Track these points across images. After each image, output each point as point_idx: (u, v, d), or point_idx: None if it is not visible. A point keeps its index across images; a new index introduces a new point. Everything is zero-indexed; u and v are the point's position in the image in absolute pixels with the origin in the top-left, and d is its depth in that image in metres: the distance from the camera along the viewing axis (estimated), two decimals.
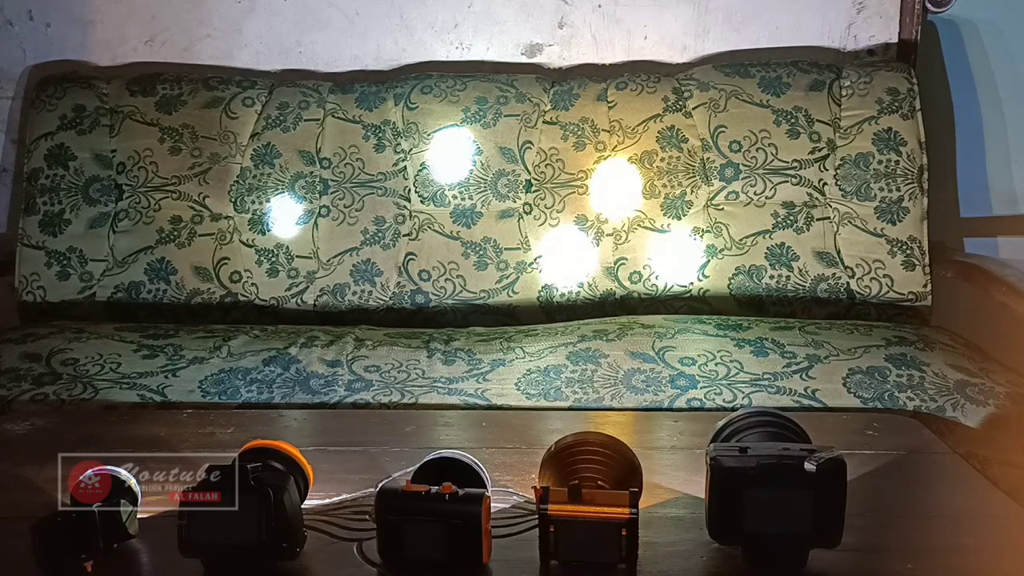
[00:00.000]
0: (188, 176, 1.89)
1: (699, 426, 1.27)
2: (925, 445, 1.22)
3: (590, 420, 1.32)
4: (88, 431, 1.27)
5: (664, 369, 1.51)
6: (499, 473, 1.06)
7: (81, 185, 1.90)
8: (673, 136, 1.86)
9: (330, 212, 1.88)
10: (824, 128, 1.84)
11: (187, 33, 2.04)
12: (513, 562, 0.89)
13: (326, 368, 1.55)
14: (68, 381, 1.52)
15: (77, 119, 1.91)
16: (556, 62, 2.05)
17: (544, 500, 0.85)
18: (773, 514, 0.84)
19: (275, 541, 0.86)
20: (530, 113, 1.89)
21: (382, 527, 0.87)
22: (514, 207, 1.88)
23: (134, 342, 1.63)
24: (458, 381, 1.50)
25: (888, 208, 1.81)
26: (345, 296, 1.86)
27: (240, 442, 0.98)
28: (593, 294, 1.86)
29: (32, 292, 1.87)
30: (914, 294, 1.80)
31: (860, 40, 2.02)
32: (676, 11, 2.01)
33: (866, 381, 1.47)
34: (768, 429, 0.96)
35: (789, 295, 1.81)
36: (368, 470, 1.08)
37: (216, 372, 1.54)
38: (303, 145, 1.90)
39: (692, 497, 1.01)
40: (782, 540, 0.86)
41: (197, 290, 1.86)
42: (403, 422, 1.29)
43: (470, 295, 1.85)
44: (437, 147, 1.89)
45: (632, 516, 0.84)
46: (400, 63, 2.05)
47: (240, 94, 1.92)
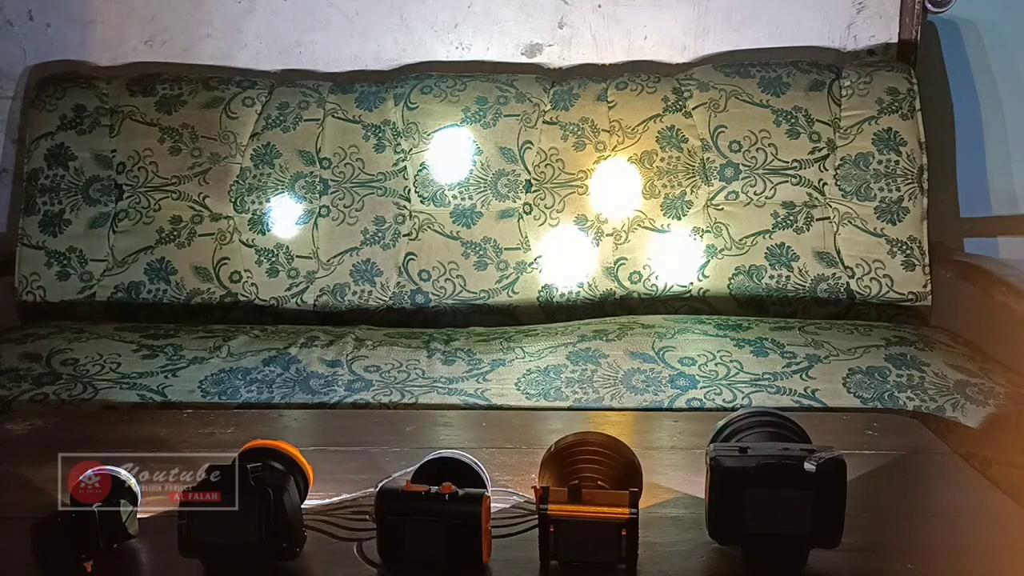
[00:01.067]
0: (188, 176, 1.89)
1: (699, 426, 1.27)
2: (925, 445, 1.22)
3: (590, 420, 1.32)
4: (88, 431, 1.27)
5: (664, 369, 1.51)
6: (499, 473, 1.06)
7: (81, 185, 1.90)
8: (673, 136, 1.86)
9: (330, 212, 1.88)
10: (824, 128, 1.84)
11: (187, 33, 2.04)
12: (513, 562, 0.89)
13: (326, 368, 1.54)
14: (68, 381, 1.52)
15: (77, 119, 1.91)
16: (556, 62, 2.05)
17: (544, 500, 0.85)
18: (773, 514, 0.84)
19: (275, 541, 0.86)
20: (530, 113, 1.89)
21: (382, 527, 0.87)
22: (514, 207, 1.88)
23: (134, 342, 1.63)
24: (458, 381, 1.50)
25: (888, 208, 1.81)
26: (345, 296, 1.86)
27: (240, 442, 0.98)
28: (593, 294, 1.85)
29: (32, 292, 1.87)
30: (914, 294, 1.80)
31: (860, 40, 2.02)
32: (676, 11, 2.01)
33: (866, 381, 1.47)
34: (768, 429, 0.96)
35: (789, 295, 1.81)
36: (368, 470, 1.08)
37: (216, 372, 1.54)
38: (303, 145, 1.90)
39: (692, 497, 1.01)
40: (782, 540, 0.86)
41: (197, 290, 1.86)
42: (403, 422, 1.29)
43: (470, 295, 1.85)
44: (437, 147, 1.89)
45: (632, 516, 0.84)
46: (400, 63, 2.05)
47: (240, 94, 1.92)
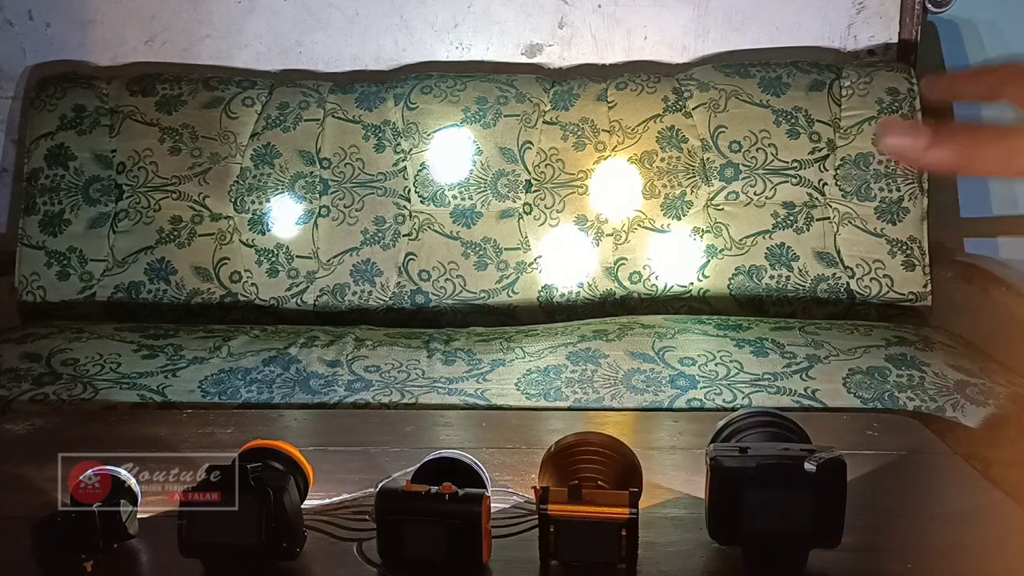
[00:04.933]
0: (188, 176, 1.89)
1: (699, 426, 1.27)
2: (925, 445, 1.22)
3: (590, 420, 1.32)
4: (88, 431, 1.27)
5: (664, 369, 1.51)
6: (499, 473, 1.06)
7: (81, 185, 1.90)
8: (673, 136, 1.86)
9: (330, 212, 1.88)
10: (824, 128, 1.84)
11: (187, 33, 2.04)
12: (513, 562, 0.89)
13: (326, 368, 1.54)
14: (68, 381, 1.52)
15: (77, 119, 1.91)
16: (556, 62, 2.05)
17: (544, 500, 0.85)
18: (773, 514, 0.84)
19: (275, 541, 0.85)
20: (530, 113, 1.89)
21: (382, 527, 0.87)
22: (514, 207, 1.87)
23: (134, 342, 1.63)
24: (458, 381, 1.50)
25: (888, 208, 1.81)
26: (345, 296, 1.86)
27: (240, 442, 0.98)
28: (593, 294, 1.85)
29: (32, 292, 1.87)
30: (914, 294, 1.80)
31: (860, 40, 2.02)
32: (676, 11, 2.01)
33: (866, 381, 1.47)
34: (768, 429, 0.96)
35: (789, 295, 1.81)
36: (368, 470, 1.08)
37: (216, 372, 1.54)
38: (303, 145, 1.90)
39: (692, 497, 1.01)
40: (782, 540, 0.86)
41: (197, 290, 1.86)
42: (403, 422, 1.29)
43: (470, 295, 1.85)
44: (437, 147, 1.89)
45: (632, 516, 0.84)
46: (400, 63, 2.05)
47: (240, 94, 1.92)
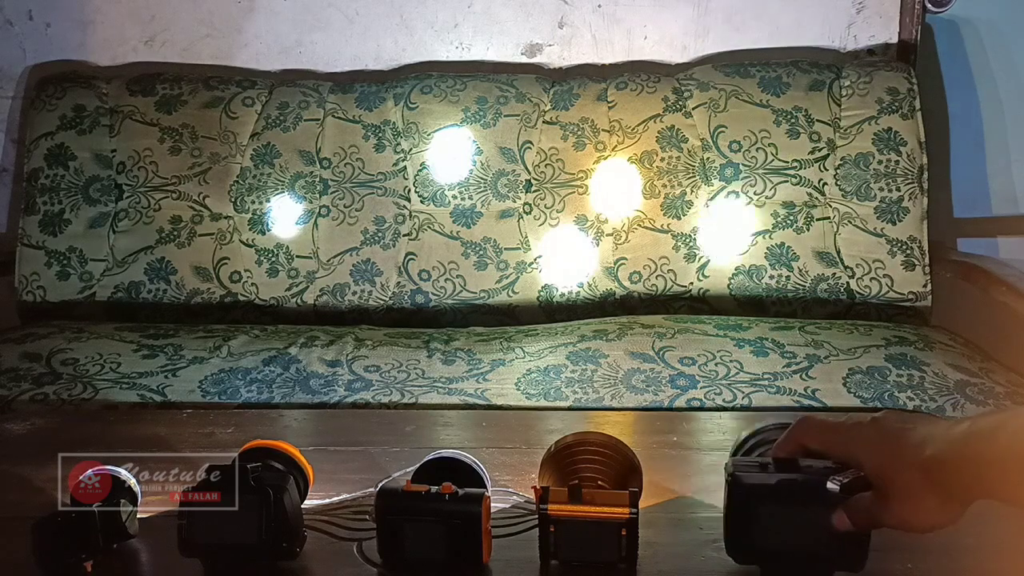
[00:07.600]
0: (188, 176, 1.89)
1: (699, 426, 1.27)
2: None
3: (590, 420, 1.31)
4: (88, 431, 1.27)
5: (664, 369, 1.51)
6: (499, 473, 1.06)
7: (81, 185, 1.90)
8: (673, 136, 1.86)
9: (330, 212, 1.88)
10: (824, 128, 1.84)
11: (187, 33, 2.04)
12: (513, 562, 0.89)
13: (326, 368, 1.54)
14: (68, 381, 1.52)
15: (77, 119, 1.91)
16: (556, 62, 2.04)
17: (544, 500, 0.85)
18: (793, 534, 0.80)
19: (275, 541, 0.85)
20: (530, 113, 1.89)
21: (382, 527, 0.87)
22: (514, 207, 1.87)
23: (134, 342, 1.63)
24: (458, 381, 1.50)
25: (888, 208, 1.81)
26: (345, 296, 1.86)
27: (240, 442, 0.98)
28: (593, 294, 1.85)
29: (32, 292, 1.87)
30: (914, 294, 1.80)
31: (860, 40, 2.01)
32: (676, 11, 2.01)
33: (866, 381, 1.47)
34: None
35: (789, 295, 1.81)
36: (368, 470, 1.08)
37: (216, 372, 1.54)
38: (303, 145, 1.90)
39: (692, 497, 1.01)
40: (802, 561, 0.82)
41: (197, 290, 1.86)
42: (403, 422, 1.29)
43: (470, 295, 1.85)
44: (437, 147, 1.89)
45: (632, 516, 0.84)
46: (400, 63, 2.05)
47: (240, 94, 1.92)
